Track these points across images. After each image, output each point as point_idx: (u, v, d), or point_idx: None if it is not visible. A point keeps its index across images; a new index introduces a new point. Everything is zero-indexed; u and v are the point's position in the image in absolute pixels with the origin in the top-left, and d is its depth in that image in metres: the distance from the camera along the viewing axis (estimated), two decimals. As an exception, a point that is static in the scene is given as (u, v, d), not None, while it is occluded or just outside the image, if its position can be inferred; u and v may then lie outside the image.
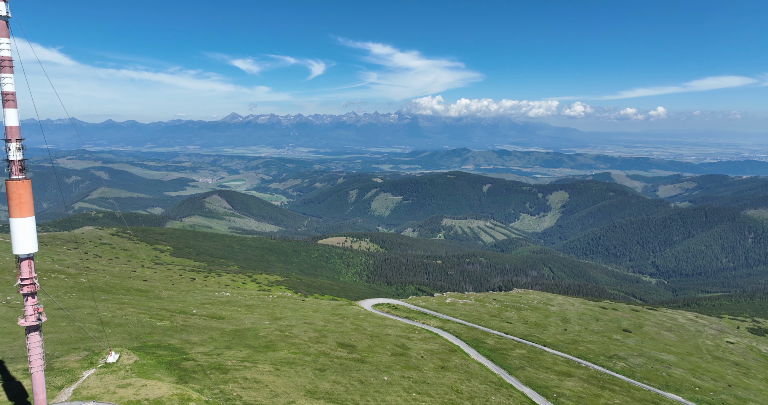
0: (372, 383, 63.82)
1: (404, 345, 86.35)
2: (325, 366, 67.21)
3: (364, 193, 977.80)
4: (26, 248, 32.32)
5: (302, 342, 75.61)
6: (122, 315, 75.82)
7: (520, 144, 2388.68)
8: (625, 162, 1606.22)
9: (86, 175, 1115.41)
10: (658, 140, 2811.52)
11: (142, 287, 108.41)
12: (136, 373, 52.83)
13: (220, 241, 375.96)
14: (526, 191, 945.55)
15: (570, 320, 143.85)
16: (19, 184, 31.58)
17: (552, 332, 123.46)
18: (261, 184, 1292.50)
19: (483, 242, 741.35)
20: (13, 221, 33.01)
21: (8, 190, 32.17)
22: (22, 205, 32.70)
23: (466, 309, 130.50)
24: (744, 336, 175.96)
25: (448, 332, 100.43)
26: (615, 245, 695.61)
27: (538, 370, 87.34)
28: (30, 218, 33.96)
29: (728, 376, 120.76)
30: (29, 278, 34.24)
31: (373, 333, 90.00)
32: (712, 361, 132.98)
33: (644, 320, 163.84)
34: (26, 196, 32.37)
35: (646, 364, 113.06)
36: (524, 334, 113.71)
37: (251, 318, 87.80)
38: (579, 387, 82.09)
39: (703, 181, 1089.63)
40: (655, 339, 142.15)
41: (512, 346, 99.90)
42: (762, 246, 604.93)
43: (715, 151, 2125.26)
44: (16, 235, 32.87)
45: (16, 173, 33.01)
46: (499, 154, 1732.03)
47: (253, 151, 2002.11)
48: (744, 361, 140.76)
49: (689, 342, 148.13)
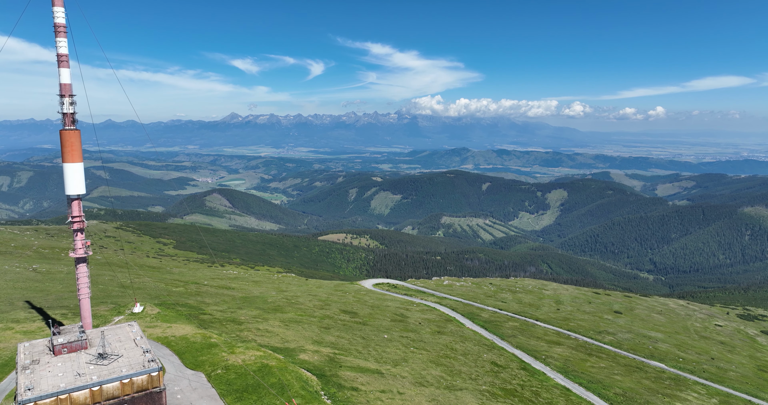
0: (373, 339, 69.21)
1: (403, 314, 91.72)
2: (329, 325, 72.65)
3: (363, 191, 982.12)
4: (76, 189, 37.74)
5: (307, 308, 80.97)
6: (140, 282, 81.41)
7: (520, 144, 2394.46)
8: (624, 161, 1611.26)
9: (86, 175, 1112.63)
10: (657, 140, 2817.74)
11: (155, 265, 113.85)
12: (160, 320, 58.53)
13: (222, 235, 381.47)
14: (525, 190, 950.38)
15: (563, 302, 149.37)
16: (71, 133, 37.07)
17: (545, 311, 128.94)
18: (261, 184, 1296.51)
19: (482, 240, 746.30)
20: (66, 166, 38.56)
21: (62, 139, 37.53)
22: (73, 152, 38.20)
23: (463, 290, 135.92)
24: (733, 320, 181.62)
25: (445, 306, 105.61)
26: (613, 242, 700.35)
27: (529, 339, 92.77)
28: (80, 164, 39.53)
29: (713, 351, 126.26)
30: (79, 216, 39.79)
31: (373, 304, 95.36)
32: (699, 340, 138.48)
33: (636, 304, 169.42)
34: (77, 144, 37.78)
35: (634, 339, 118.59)
36: (518, 311, 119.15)
37: (259, 289, 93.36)
38: (567, 353, 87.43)
39: (701, 179, 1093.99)
40: (645, 320, 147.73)
41: (506, 319, 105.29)
42: (759, 243, 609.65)
43: (714, 151, 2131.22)
44: (68, 177, 38.40)
45: (68, 124, 38.57)
46: (498, 154, 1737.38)
47: (252, 151, 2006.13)
48: (730, 340, 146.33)
49: (678, 323, 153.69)
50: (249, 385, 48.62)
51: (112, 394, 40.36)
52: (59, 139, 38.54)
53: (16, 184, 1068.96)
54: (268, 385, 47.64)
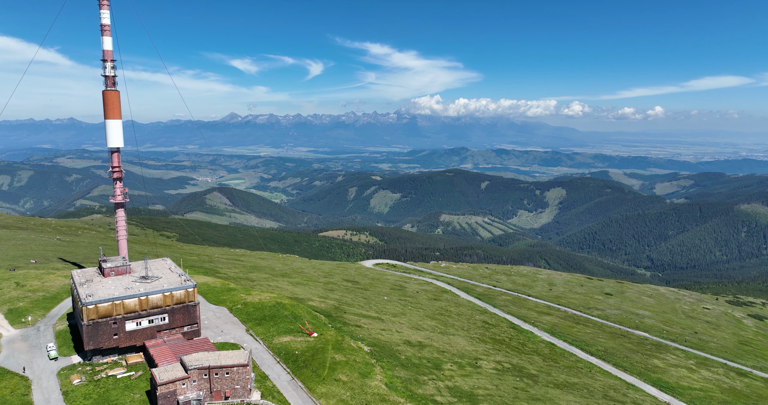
0: (373, 299, 75.14)
1: (401, 285, 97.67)
2: (333, 288, 78.71)
3: (363, 190, 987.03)
4: (116, 142, 43.99)
5: (312, 275, 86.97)
6: (156, 252, 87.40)
7: (519, 143, 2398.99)
8: (623, 161, 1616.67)
9: (86, 174, 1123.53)
10: (656, 140, 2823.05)
11: (167, 243, 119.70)
12: (181, 273, 64.68)
13: (224, 230, 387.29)
14: (524, 188, 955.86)
15: (556, 284, 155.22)
16: (112, 93, 43.29)
17: (538, 290, 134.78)
18: (261, 183, 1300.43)
19: (481, 237, 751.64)
20: (108, 122, 44.85)
21: (104, 98, 43.62)
22: (114, 110, 44.46)
23: (459, 271, 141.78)
24: (721, 305, 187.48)
25: (442, 282, 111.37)
26: (611, 239, 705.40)
27: (520, 308, 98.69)
28: (119, 120, 45.78)
29: (697, 328, 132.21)
30: (118, 166, 46.15)
31: (373, 277, 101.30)
32: (685, 319, 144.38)
33: (627, 289, 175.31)
34: (117, 103, 44.04)
35: (622, 315, 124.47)
36: (511, 289, 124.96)
37: (266, 262, 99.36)
38: (555, 320, 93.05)
39: (699, 178, 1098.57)
40: (635, 301, 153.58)
41: (499, 294, 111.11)
42: (755, 239, 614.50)
43: (713, 151, 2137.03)
44: (109, 132, 44.69)
45: (110, 86, 44.80)
46: (497, 153, 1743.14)
47: (252, 151, 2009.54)
48: (716, 320, 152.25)
49: (666, 305, 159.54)
50: (266, 315, 55.64)
51: (156, 304, 50.18)
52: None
53: (16, 183, 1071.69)
54: (282, 316, 54.45)
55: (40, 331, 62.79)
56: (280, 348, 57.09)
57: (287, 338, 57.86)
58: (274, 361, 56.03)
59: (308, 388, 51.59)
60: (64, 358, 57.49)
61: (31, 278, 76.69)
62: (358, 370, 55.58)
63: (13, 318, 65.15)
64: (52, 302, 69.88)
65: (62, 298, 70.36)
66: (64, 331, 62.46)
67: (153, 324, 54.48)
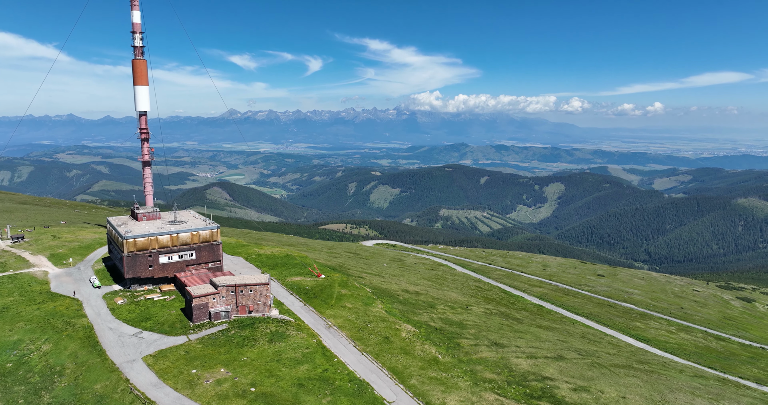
0: (374, 265, 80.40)
1: (400, 258, 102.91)
2: (336, 255, 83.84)
3: (363, 185, 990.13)
4: (144, 106, 49.53)
5: (316, 247, 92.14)
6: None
7: (518, 139, 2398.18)
8: (622, 157, 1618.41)
9: (86, 169, 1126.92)
10: (655, 136, 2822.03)
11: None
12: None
13: (225, 222, 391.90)
14: (523, 183, 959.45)
15: (550, 266, 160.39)
16: (141, 62, 48.87)
17: (532, 269, 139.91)
18: (260, 178, 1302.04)
19: (480, 231, 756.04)
20: (137, 87, 50.13)
21: (134, 66, 48.94)
22: (142, 77, 49.84)
23: (456, 252, 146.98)
24: (711, 289, 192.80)
25: (439, 258, 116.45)
26: (609, 233, 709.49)
27: (513, 281, 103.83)
28: (146, 86, 51.02)
29: (685, 305, 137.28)
30: (145, 128, 51.49)
31: (374, 251, 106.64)
32: (674, 298, 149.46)
33: (619, 272, 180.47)
34: (144, 71, 49.61)
35: (611, 291, 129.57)
36: (506, 267, 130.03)
37: (271, 236, 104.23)
38: (546, 291, 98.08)
39: (698, 174, 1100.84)
40: (626, 282, 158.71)
41: (494, 269, 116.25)
42: (751, 233, 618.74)
43: (713, 146, 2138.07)
44: (138, 97, 50.08)
45: (138, 55, 49.83)
46: (497, 149, 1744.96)
47: (251, 147, 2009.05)
48: (704, 300, 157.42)
49: (657, 286, 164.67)
50: (278, 262, 62.87)
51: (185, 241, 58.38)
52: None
53: (17, 179, 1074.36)
54: (293, 263, 61.01)
55: (81, 270, 72.71)
56: (293, 285, 66.44)
57: (298, 278, 67.31)
58: (288, 294, 65.58)
59: (318, 312, 60.73)
60: (106, 287, 67.49)
61: (65, 233, 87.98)
62: (361, 300, 64.50)
63: (55, 260, 75.38)
64: (87, 250, 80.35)
65: (95, 247, 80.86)
66: (101, 269, 72.43)
67: (182, 259, 64.00)
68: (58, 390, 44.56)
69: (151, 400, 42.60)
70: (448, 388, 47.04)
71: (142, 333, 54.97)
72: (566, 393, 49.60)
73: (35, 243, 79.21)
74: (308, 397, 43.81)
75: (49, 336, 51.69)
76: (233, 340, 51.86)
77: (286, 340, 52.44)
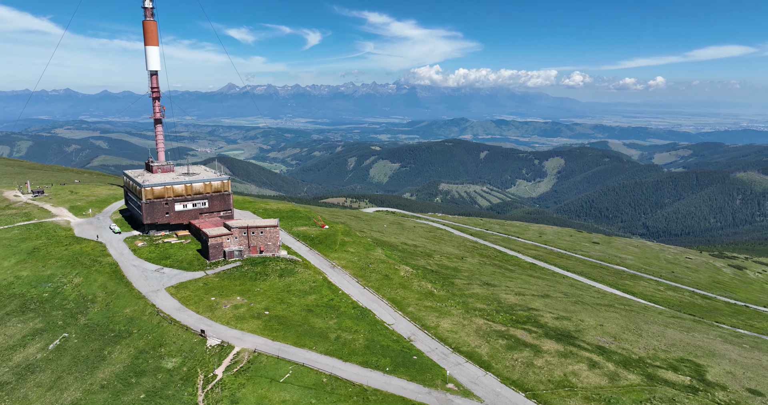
0: (374, 225, 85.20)
1: (400, 222, 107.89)
2: (337, 217, 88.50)
3: (362, 160, 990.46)
4: (155, 66, 53.13)
5: (317, 210, 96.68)
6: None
7: (519, 114, 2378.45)
8: (623, 131, 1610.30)
9: (85, 144, 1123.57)
10: (656, 110, 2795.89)
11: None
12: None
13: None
14: (522, 158, 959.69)
15: (546, 234, 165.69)
16: (151, 23, 52.60)
17: (528, 236, 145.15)
18: (260, 153, 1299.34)
19: (479, 206, 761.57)
20: (148, 48, 53.92)
21: (144, 28, 52.65)
22: (152, 38, 53.63)
23: (454, 221, 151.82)
24: (704, 257, 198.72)
25: (437, 224, 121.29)
26: (607, 207, 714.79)
27: (509, 244, 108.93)
28: (157, 47, 54.79)
29: (676, 270, 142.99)
30: (156, 88, 55.26)
31: (374, 216, 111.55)
32: (666, 264, 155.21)
33: (614, 240, 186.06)
34: (155, 32, 53.52)
35: (604, 256, 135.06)
36: (503, 233, 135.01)
37: (272, 201, 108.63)
38: (540, 253, 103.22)
39: (698, 148, 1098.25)
40: (620, 249, 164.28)
41: (491, 234, 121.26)
42: (749, 206, 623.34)
43: (714, 121, 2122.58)
44: (149, 57, 53.97)
45: (149, 16, 53.37)
46: (497, 124, 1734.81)
47: (251, 122, 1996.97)
48: (696, 267, 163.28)
49: (650, 253, 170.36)
50: (284, 216, 67.85)
51: (198, 191, 62.76)
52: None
53: (15, 154, 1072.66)
54: (298, 216, 65.64)
55: (100, 219, 78.63)
56: (299, 233, 73.04)
57: (304, 228, 73.96)
58: (295, 240, 71.73)
59: (323, 255, 66.89)
60: (126, 232, 73.58)
61: (81, 189, 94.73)
62: (363, 246, 70.82)
63: (75, 211, 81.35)
64: (104, 204, 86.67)
65: (111, 201, 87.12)
66: (119, 219, 78.26)
67: (196, 207, 69.64)
68: (92, 314, 49.94)
69: (176, 320, 47.95)
70: (441, 315, 52.51)
71: (163, 269, 60.63)
72: (549, 320, 54.99)
73: (54, 197, 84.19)
74: (316, 320, 49.18)
75: (79, 271, 57.06)
76: (247, 275, 57.26)
77: (294, 275, 57.80)
